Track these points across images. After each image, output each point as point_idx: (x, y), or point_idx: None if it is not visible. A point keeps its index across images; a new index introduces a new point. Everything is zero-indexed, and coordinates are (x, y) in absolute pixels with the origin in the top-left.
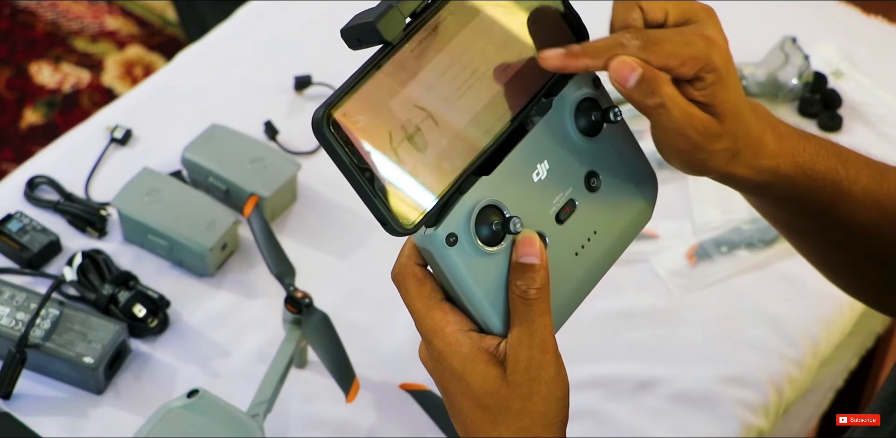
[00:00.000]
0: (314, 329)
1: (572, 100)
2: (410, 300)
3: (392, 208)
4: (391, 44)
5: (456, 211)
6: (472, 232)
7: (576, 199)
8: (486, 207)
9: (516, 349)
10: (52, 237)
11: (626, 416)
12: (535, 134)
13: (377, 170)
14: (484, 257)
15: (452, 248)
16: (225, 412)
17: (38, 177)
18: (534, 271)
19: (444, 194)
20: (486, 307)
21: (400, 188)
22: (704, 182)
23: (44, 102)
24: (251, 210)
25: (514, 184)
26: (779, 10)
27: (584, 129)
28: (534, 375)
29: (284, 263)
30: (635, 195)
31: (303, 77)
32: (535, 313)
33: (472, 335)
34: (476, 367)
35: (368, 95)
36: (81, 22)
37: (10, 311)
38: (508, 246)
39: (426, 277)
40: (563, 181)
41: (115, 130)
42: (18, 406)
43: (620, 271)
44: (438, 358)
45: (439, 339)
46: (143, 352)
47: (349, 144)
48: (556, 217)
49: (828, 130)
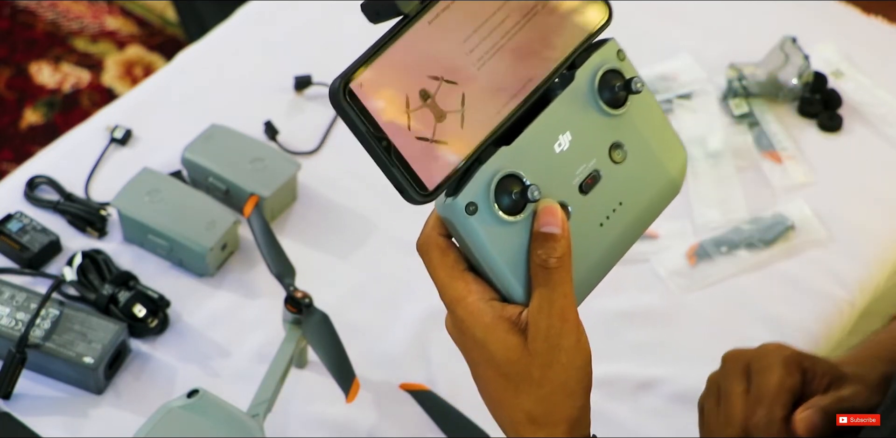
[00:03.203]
0: (314, 329)
1: (596, 71)
2: (434, 269)
3: (410, 177)
4: (409, 15)
5: (476, 180)
6: (491, 201)
7: (600, 170)
8: (506, 176)
9: (536, 318)
10: (52, 237)
11: (626, 416)
12: (557, 105)
13: (395, 139)
14: (505, 226)
15: (473, 217)
16: (225, 412)
17: (38, 177)
18: (555, 241)
19: (464, 163)
20: (508, 276)
21: (417, 157)
22: (704, 182)
23: (44, 102)
24: (251, 210)
25: (535, 154)
26: (779, 10)
27: (608, 100)
28: (553, 343)
29: (284, 263)
30: (662, 167)
31: (303, 77)
32: (555, 282)
33: (493, 304)
34: (497, 335)
35: (386, 66)
36: (81, 22)
37: (10, 311)
38: (530, 215)
39: (449, 247)
40: (586, 152)
41: (115, 130)
42: (18, 406)
43: (620, 271)
44: (461, 327)
45: (462, 308)
46: (143, 352)
47: (366, 114)
48: (580, 188)
49: (828, 130)
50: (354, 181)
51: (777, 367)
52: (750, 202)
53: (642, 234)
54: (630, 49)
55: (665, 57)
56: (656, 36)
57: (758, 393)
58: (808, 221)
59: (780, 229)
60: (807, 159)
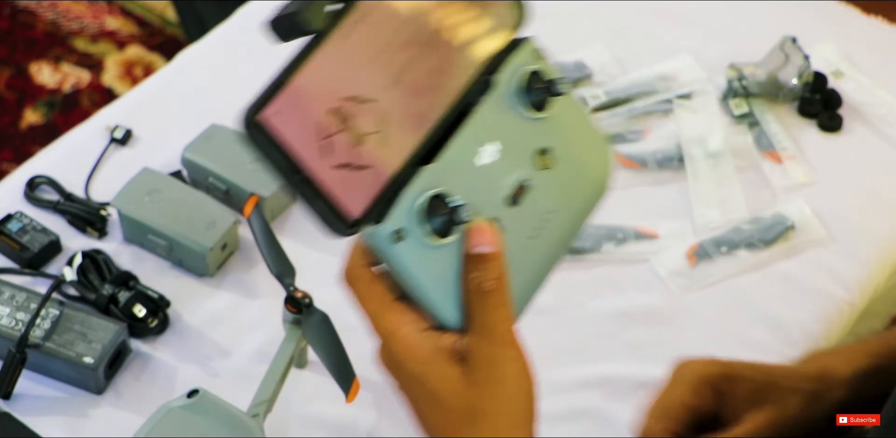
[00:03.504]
0: (314, 329)
1: (516, 74)
2: (362, 302)
3: (332, 209)
4: (319, 33)
5: (401, 205)
6: (420, 225)
7: (529, 178)
8: (432, 197)
9: (476, 346)
10: (52, 237)
11: (626, 416)
12: (479, 115)
13: (313, 170)
14: (435, 250)
15: (401, 243)
16: (225, 412)
17: (38, 177)
18: (489, 261)
19: (387, 187)
20: (442, 303)
21: (339, 187)
22: (704, 182)
23: (44, 102)
24: (251, 210)
25: (460, 170)
26: (779, 10)
27: (530, 104)
28: (497, 372)
29: (284, 263)
30: (590, 168)
31: None
32: (492, 305)
33: (429, 333)
34: (436, 368)
35: (298, 91)
36: (81, 22)
37: (10, 311)
38: (461, 237)
39: (377, 277)
40: (513, 162)
41: (115, 130)
42: (18, 406)
43: (620, 270)
44: (397, 362)
45: (395, 341)
46: (143, 352)
47: (280, 147)
48: (510, 200)
49: (828, 130)
50: None
51: (683, 385)
52: (750, 202)
53: (576, 239)
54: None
55: (665, 57)
56: (656, 36)
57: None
58: (807, 221)
59: (780, 229)
60: (807, 159)
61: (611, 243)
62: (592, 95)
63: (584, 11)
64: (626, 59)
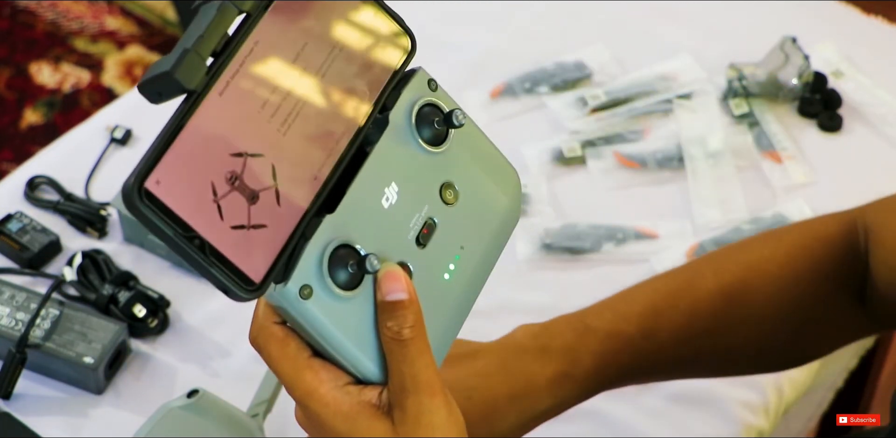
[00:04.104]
0: None
1: (410, 109)
2: (276, 364)
3: (232, 273)
4: (195, 91)
5: (305, 260)
6: (326, 279)
7: (434, 216)
8: (337, 248)
9: (400, 398)
10: (52, 237)
11: (626, 416)
12: (375, 156)
13: (207, 235)
14: (346, 302)
15: (309, 300)
16: (225, 412)
17: (38, 177)
18: (403, 308)
19: (288, 243)
20: (359, 356)
21: (237, 249)
22: (704, 182)
23: (44, 102)
24: None
25: (363, 216)
26: (779, 10)
27: (428, 138)
28: (425, 422)
29: None
30: (497, 196)
31: None
32: (413, 354)
33: (349, 389)
34: (361, 425)
35: (181, 154)
36: (81, 22)
37: (10, 311)
38: (371, 286)
39: (287, 336)
40: (416, 201)
41: (115, 130)
42: (18, 406)
43: (620, 271)
44: (319, 423)
45: (315, 401)
46: (143, 352)
47: (170, 214)
48: (417, 241)
49: (828, 130)
50: None
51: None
52: (750, 202)
53: (492, 270)
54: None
55: (665, 57)
56: (656, 36)
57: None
58: None
59: None
60: (807, 159)
61: (611, 243)
62: (592, 95)
63: (584, 11)
64: (626, 59)
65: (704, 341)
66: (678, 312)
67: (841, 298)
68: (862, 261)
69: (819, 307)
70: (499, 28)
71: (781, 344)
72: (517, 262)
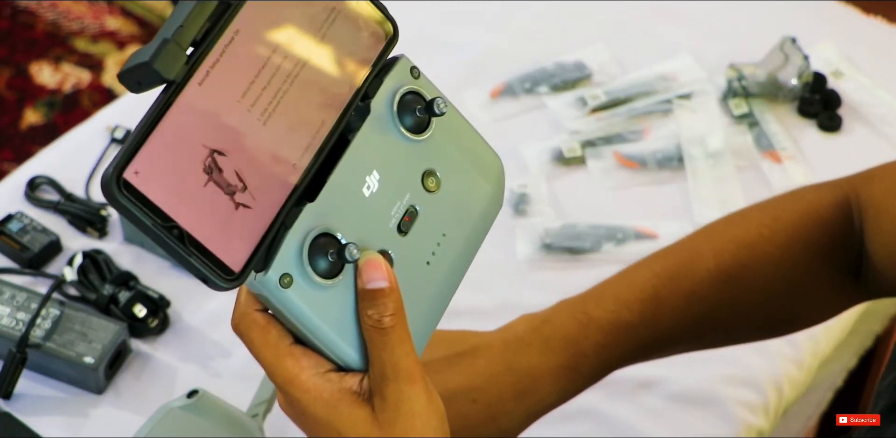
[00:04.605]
0: None
1: (392, 97)
2: (257, 351)
3: (212, 262)
4: (174, 81)
5: (285, 248)
6: (307, 268)
7: (416, 204)
8: (318, 236)
9: (380, 385)
10: (53, 237)
11: (626, 416)
12: (357, 144)
13: (186, 225)
14: (327, 291)
15: (289, 289)
16: (225, 412)
17: (38, 177)
18: (384, 297)
19: (268, 232)
20: (340, 344)
21: (216, 239)
22: (704, 182)
23: (44, 102)
24: None
25: (344, 204)
26: (779, 10)
27: (410, 126)
28: (404, 410)
29: None
30: (480, 184)
31: None
32: (393, 342)
33: (330, 376)
34: (342, 412)
35: (160, 145)
36: (82, 22)
37: (11, 311)
38: (352, 274)
39: (269, 323)
40: (398, 189)
41: (115, 130)
42: (18, 405)
43: None
44: (300, 409)
45: (296, 388)
46: (143, 352)
47: (148, 204)
48: (398, 229)
49: (827, 130)
50: None
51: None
52: (750, 202)
53: (474, 258)
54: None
55: (665, 57)
56: (656, 36)
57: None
58: None
59: None
60: (806, 159)
61: (611, 243)
62: (592, 95)
63: (584, 11)
64: (626, 59)
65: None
66: (679, 295)
67: (835, 273)
68: (856, 236)
69: (815, 284)
70: (499, 28)
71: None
72: (517, 262)
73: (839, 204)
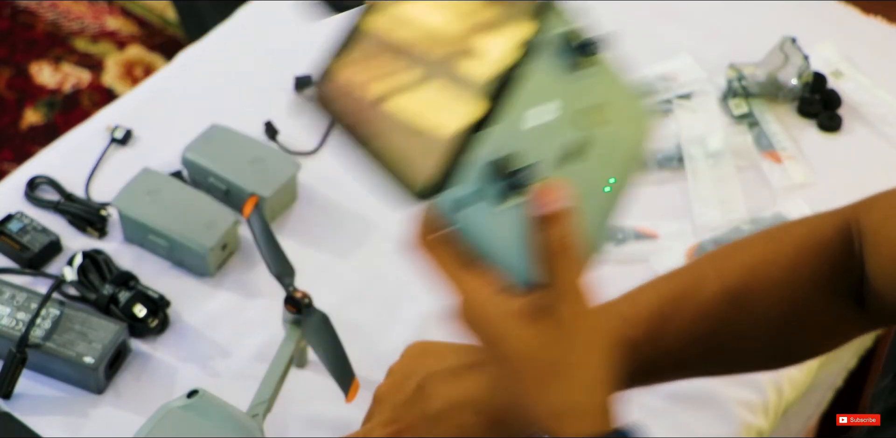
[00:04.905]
0: (314, 330)
1: (556, 35)
2: (437, 266)
3: (398, 177)
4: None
5: (465, 170)
6: (485, 189)
7: (581, 136)
8: (495, 161)
9: (549, 304)
10: (53, 237)
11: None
12: (526, 79)
13: (377, 137)
14: (503, 212)
15: (469, 208)
16: (225, 412)
17: (38, 177)
18: (559, 220)
19: (449, 154)
20: (513, 264)
21: (403, 154)
22: (704, 182)
23: (44, 102)
24: (251, 210)
25: (516, 133)
26: (779, 10)
27: (574, 63)
28: (571, 328)
29: (284, 263)
30: (637, 113)
31: (303, 77)
32: (564, 264)
33: (504, 294)
34: (512, 329)
35: (357, 60)
36: (82, 22)
37: (11, 311)
38: (527, 198)
39: (448, 242)
40: (564, 121)
41: (115, 130)
42: (18, 405)
43: (621, 271)
44: (473, 324)
45: (471, 302)
46: (143, 352)
47: (346, 115)
48: (566, 158)
49: (827, 130)
50: (354, 181)
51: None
52: (750, 202)
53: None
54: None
55: (665, 57)
56: (656, 36)
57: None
58: None
59: None
60: (806, 159)
61: (611, 244)
62: None
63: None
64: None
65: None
66: (684, 316)
67: (838, 298)
68: (857, 262)
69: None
70: None
71: (783, 344)
72: None
73: (840, 229)
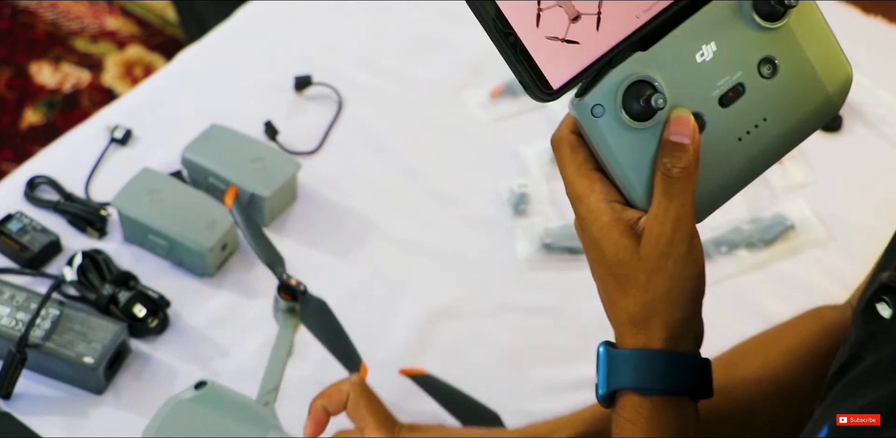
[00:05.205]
0: (313, 316)
1: None
2: (563, 165)
3: (535, 75)
4: None
5: (605, 83)
6: (618, 105)
7: (745, 83)
8: (636, 82)
9: (651, 224)
10: (53, 237)
11: None
12: (704, 13)
13: (522, 35)
14: (632, 131)
15: (599, 119)
16: (235, 401)
17: (38, 177)
18: (682, 151)
19: (595, 64)
20: (632, 180)
21: (545, 55)
22: None
23: (44, 102)
24: (231, 201)
25: (673, 62)
26: None
27: (763, 13)
28: (663, 250)
29: (272, 251)
30: (819, 85)
31: (303, 77)
32: (675, 191)
33: (614, 205)
34: (611, 236)
35: None
36: (82, 22)
37: (11, 311)
38: (660, 123)
39: (580, 145)
40: (731, 64)
41: (115, 130)
42: (18, 406)
43: None
44: (581, 224)
45: (583, 205)
46: (143, 352)
47: (495, 8)
48: (720, 100)
49: (828, 130)
50: (354, 181)
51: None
52: (750, 202)
53: (786, 153)
54: None
55: None
56: None
57: None
58: (807, 221)
59: (780, 229)
60: (807, 159)
61: None
62: None
63: None
64: None
65: None
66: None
67: None
68: None
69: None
70: None
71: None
72: (517, 262)
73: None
